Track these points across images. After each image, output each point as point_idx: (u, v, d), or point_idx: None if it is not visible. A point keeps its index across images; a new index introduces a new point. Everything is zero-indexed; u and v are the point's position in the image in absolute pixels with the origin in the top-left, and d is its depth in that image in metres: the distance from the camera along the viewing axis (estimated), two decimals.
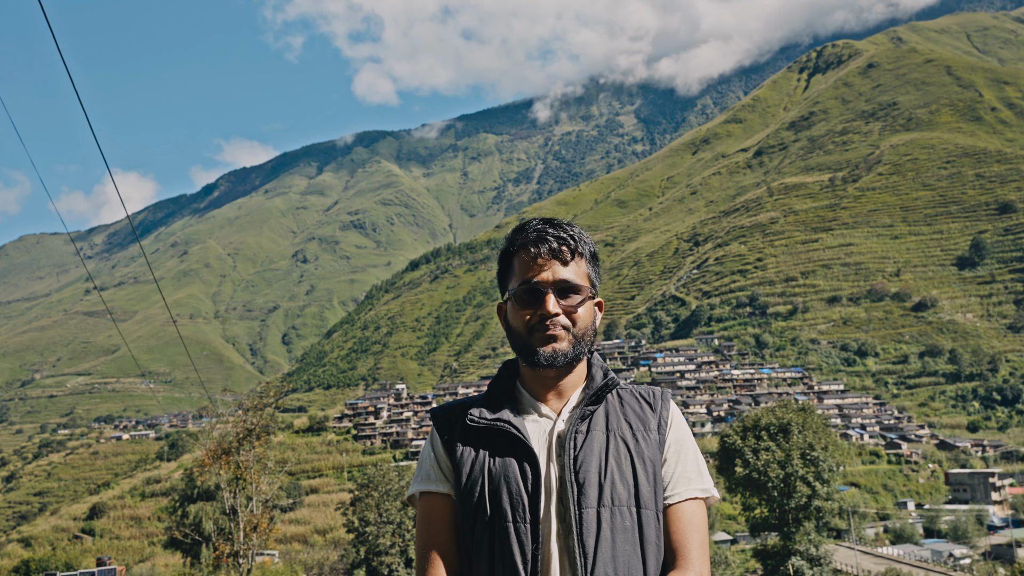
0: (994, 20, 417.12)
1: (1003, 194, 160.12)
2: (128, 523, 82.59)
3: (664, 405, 2.10)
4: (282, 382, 26.39)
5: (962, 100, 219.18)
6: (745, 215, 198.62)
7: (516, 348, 2.06)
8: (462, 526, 2.01)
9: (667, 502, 1.99)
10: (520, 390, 2.11)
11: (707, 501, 2.05)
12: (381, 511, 36.96)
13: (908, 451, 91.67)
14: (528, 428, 2.02)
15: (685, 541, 1.95)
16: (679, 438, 2.07)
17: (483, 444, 2.02)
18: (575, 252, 2.05)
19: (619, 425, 2.02)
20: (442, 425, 2.12)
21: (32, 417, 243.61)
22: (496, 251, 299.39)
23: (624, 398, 2.10)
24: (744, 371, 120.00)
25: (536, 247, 2.03)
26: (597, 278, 2.13)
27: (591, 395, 2.04)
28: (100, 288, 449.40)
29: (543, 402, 2.07)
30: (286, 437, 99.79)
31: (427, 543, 2.05)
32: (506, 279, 2.12)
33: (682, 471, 2.02)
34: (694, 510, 2.00)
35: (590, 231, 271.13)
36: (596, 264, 2.13)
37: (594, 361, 2.14)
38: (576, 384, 2.09)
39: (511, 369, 2.18)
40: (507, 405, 2.07)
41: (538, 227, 2.07)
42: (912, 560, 50.37)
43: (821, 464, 31.01)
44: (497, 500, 1.94)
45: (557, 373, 2.04)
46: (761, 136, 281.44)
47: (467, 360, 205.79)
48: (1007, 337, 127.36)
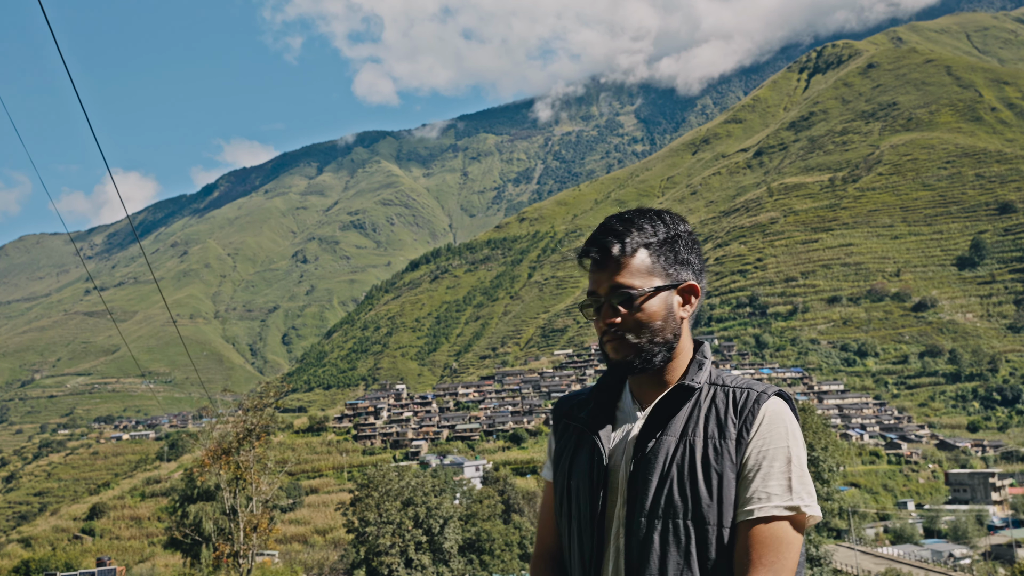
0: (994, 20, 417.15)
1: (1003, 194, 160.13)
2: (128, 523, 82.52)
3: (753, 409, 1.88)
4: (282, 382, 26.38)
5: (962, 100, 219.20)
6: (745, 215, 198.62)
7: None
8: (555, 512, 2.10)
9: (740, 519, 1.81)
10: (626, 386, 2.08)
11: (799, 520, 1.82)
12: (381, 511, 36.96)
13: (908, 451, 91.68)
14: (616, 429, 2.00)
15: (752, 563, 1.76)
16: (765, 447, 1.85)
17: (574, 440, 2.06)
18: (623, 251, 1.94)
19: (695, 431, 1.89)
20: (557, 416, 2.17)
21: (32, 417, 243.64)
22: (497, 251, 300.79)
23: (716, 399, 1.94)
24: (744, 371, 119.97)
25: (582, 260, 2.00)
26: (677, 263, 1.98)
27: (665, 398, 1.95)
28: (100, 288, 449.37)
29: (640, 398, 2.03)
30: (286, 437, 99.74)
31: (539, 525, 2.19)
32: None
33: (761, 485, 1.82)
34: (772, 530, 1.78)
35: (590, 231, 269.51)
36: (671, 249, 1.98)
37: (699, 356, 2.02)
38: (672, 379, 2.01)
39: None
40: (604, 404, 2.06)
41: (592, 236, 2.01)
42: (912, 560, 50.37)
43: (821, 464, 31.03)
44: (574, 495, 1.99)
45: (647, 375, 2.00)
46: (761, 136, 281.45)
47: (467, 360, 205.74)
48: (1007, 337, 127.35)
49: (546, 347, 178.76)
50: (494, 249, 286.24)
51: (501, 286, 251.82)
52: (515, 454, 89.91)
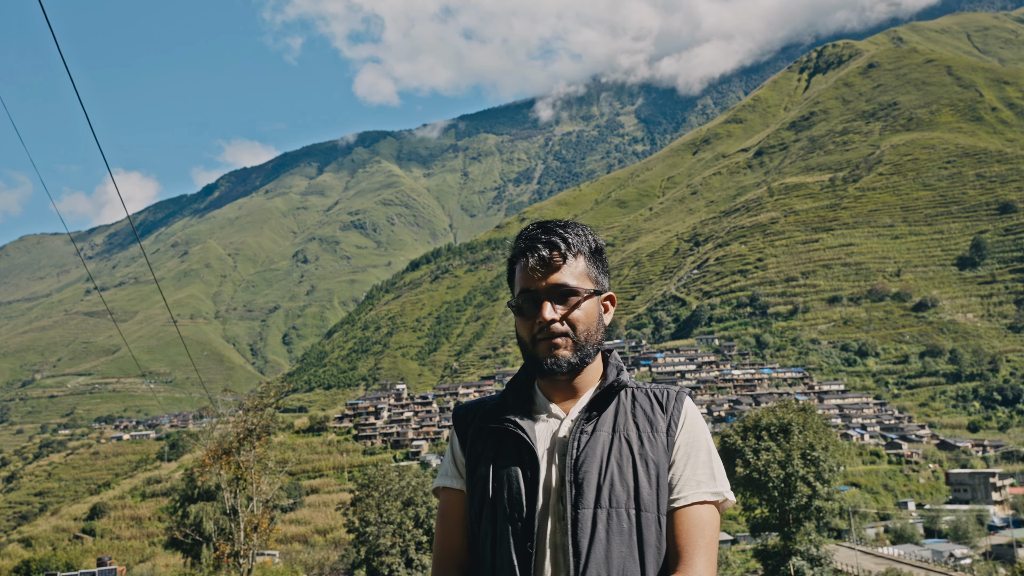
0: (994, 20, 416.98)
1: (1003, 194, 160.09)
2: (128, 523, 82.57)
3: (676, 406, 2.06)
4: (282, 382, 26.39)
5: (962, 100, 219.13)
6: (745, 215, 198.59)
7: (524, 358, 2.09)
8: (470, 521, 2.08)
9: (673, 505, 1.96)
10: (537, 390, 2.13)
11: (720, 505, 2.01)
12: (381, 511, 36.97)
13: (908, 451, 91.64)
14: (537, 429, 2.04)
15: (689, 545, 1.92)
16: (690, 440, 2.03)
17: (493, 443, 2.07)
18: (568, 253, 2.02)
19: (626, 426, 2.01)
20: (460, 423, 2.19)
21: (32, 417, 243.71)
22: (496, 251, 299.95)
23: (637, 398, 2.08)
24: (744, 371, 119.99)
25: (528, 255, 2.02)
26: (602, 273, 2.09)
27: (597, 395, 2.04)
28: (100, 288, 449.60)
29: (555, 402, 2.08)
30: (286, 437, 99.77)
31: (441, 536, 2.14)
32: (513, 288, 2.14)
33: (691, 474, 1.98)
34: (701, 514, 1.95)
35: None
36: (598, 259, 2.09)
37: (611, 360, 2.13)
38: (590, 383, 2.09)
39: (529, 370, 2.20)
40: (520, 405, 2.09)
41: (531, 234, 2.06)
42: (912, 560, 50.35)
43: (821, 464, 31.01)
44: (499, 498, 1.99)
45: (567, 377, 2.05)
46: (761, 136, 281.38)
47: (467, 360, 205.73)
48: (1007, 337, 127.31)
49: None
50: (494, 249, 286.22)
51: (501, 286, 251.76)
52: None
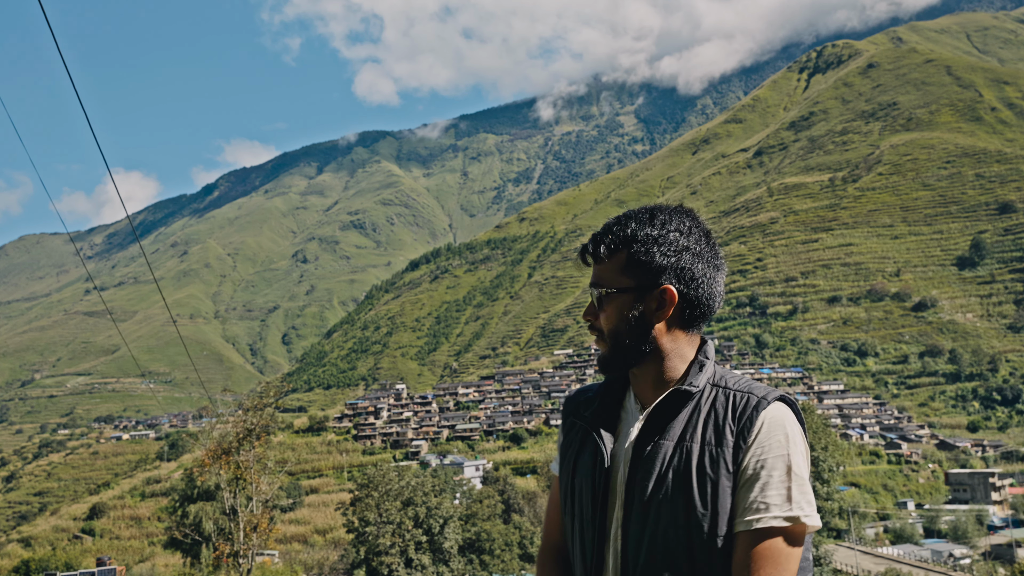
0: (994, 20, 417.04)
1: (1003, 194, 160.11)
2: (128, 523, 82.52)
3: (752, 416, 1.82)
4: (282, 382, 26.39)
5: (962, 100, 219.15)
6: (745, 215, 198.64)
7: None
8: (561, 509, 2.11)
9: (737, 529, 1.77)
10: (631, 387, 2.07)
11: (796, 529, 1.76)
12: (381, 511, 36.96)
13: (908, 451, 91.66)
14: (620, 427, 1.99)
15: (743, 573, 1.73)
16: (763, 456, 1.79)
17: (579, 438, 2.05)
18: (606, 250, 1.96)
19: (692, 436, 1.84)
20: (566, 413, 2.16)
21: (32, 417, 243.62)
22: (497, 251, 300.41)
23: (716, 402, 1.88)
24: (744, 371, 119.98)
25: (577, 260, 2.06)
26: (646, 264, 1.92)
27: (662, 401, 1.91)
28: (100, 288, 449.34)
29: (641, 398, 2.00)
30: (286, 437, 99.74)
31: (546, 520, 2.20)
32: None
33: (759, 496, 1.76)
34: (769, 543, 1.73)
35: (590, 231, 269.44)
36: (642, 247, 1.93)
37: (700, 356, 1.97)
38: (670, 377, 1.96)
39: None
40: (609, 404, 2.04)
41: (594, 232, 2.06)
42: (912, 560, 50.36)
43: (821, 464, 31.03)
44: (576, 494, 1.99)
45: (638, 374, 1.99)
46: (761, 136, 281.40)
47: (467, 360, 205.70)
48: (1007, 337, 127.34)
49: (546, 347, 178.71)
50: (494, 249, 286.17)
51: (501, 286, 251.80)
52: (515, 454, 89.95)
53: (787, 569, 1.72)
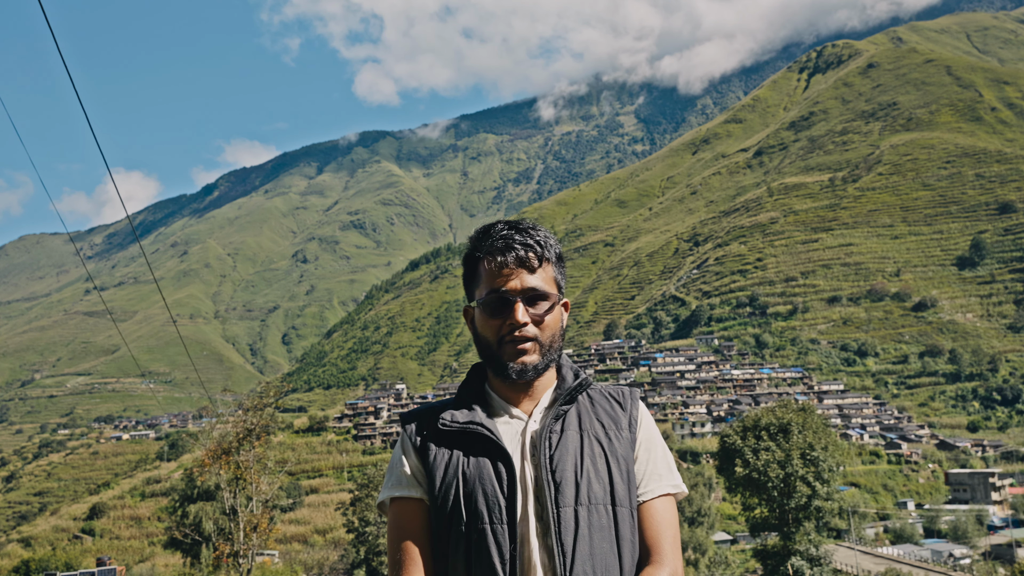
0: (994, 20, 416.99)
1: (1003, 194, 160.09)
2: (128, 523, 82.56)
3: (634, 404, 2.11)
4: (282, 382, 26.39)
5: (962, 100, 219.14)
6: (745, 215, 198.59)
7: (485, 358, 2.05)
8: (437, 531, 1.96)
9: (640, 499, 1.99)
10: (490, 392, 2.09)
11: (676, 496, 2.06)
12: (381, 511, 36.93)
13: (908, 451, 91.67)
14: (500, 429, 1.99)
15: (659, 537, 1.96)
16: (648, 436, 2.08)
17: (456, 447, 1.99)
18: (542, 258, 2.04)
19: (592, 424, 2.02)
20: (411, 429, 2.08)
21: (32, 417, 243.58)
22: None
23: (594, 398, 2.09)
24: (744, 371, 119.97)
25: (503, 255, 2.00)
26: (563, 279, 2.11)
27: (564, 395, 2.03)
28: (100, 288, 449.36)
29: (514, 404, 2.05)
30: (286, 437, 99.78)
31: (401, 549, 1.97)
32: (472, 284, 2.10)
33: (653, 468, 2.03)
34: (666, 506, 2.01)
35: (590, 231, 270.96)
36: (562, 265, 2.11)
37: (563, 362, 2.12)
38: (547, 385, 2.08)
39: (480, 372, 2.15)
40: (478, 408, 2.03)
41: (504, 233, 2.04)
42: (912, 560, 50.35)
43: (821, 464, 30.99)
44: (473, 502, 1.90)
45: (523, 380, 2.03)
46: (761, 136, 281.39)
47: (467, 360, 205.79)
48: (1007, 337, 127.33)
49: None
50: None
51: None
52: None
53: (678, 528, 2.02)
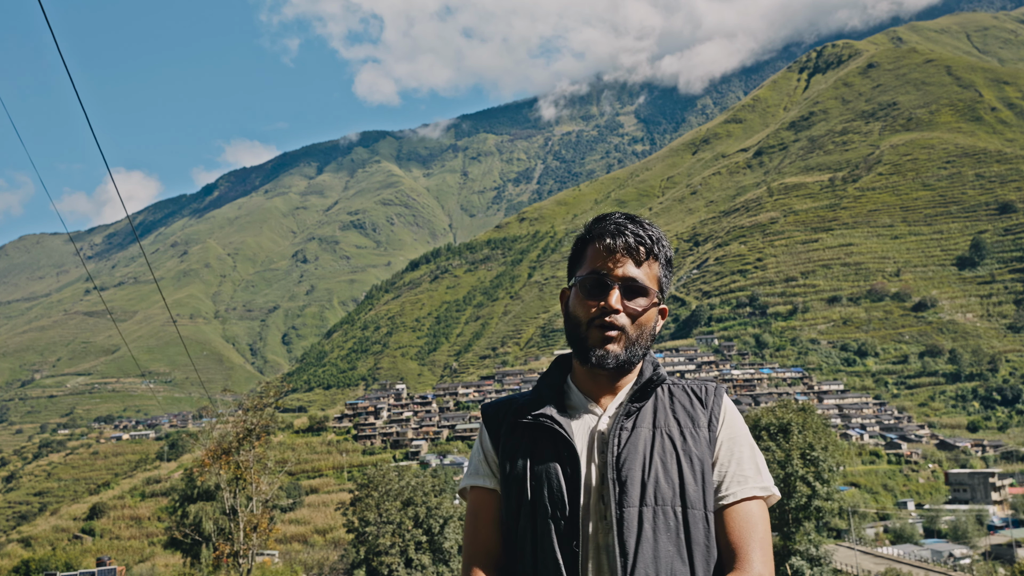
0: (994, 20, 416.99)
1: (1003, 194, 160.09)
2: (128, 523, 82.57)
3: (716, 401, 2.04)
4: (282, 382, 26.37)
5: (962, 100, 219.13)
6: (745, 215, 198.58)
7: (571, 339, 2.02)
8: (507, 521, 1.99)
9: (722, 503, 1.91)
10: (571, 386, 2.07)
11: (768, 500, 1.96)
12: (381, 511, 36.96)
13: (908, 451, 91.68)
14: (574, 425, 1.97)
15: (743, 542, 1.86)
16: (732, 435, 1.99)
17: (528, 440, 1.99)
18: (651, 253, 1.99)
19: (667, 422, 1.96)
20: (491, 421, 2.10)
21: (32, 417, 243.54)
22: (497, 251, 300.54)
23: (675, 394, 2.04)
24: (744, 371, 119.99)
25: (613, 239, 1.97)
26: (667, 284, 2.06)
27: (636, 390, 1.99)
28: (100, 288, 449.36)
29: (593, 399, 2.02)
30: (286, 437, 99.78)
31: (474, 536, 2.05)
32: (575, 266, 2.08)
33: (736, 469, 1.94)
34: (753, 510, 1.91)
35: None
36: (670, 270, 2.06)
37: (648, 358, 2.07)
38: (628, 381, 2.04)
39: (562, 365, 2.13)
40: (554, 401, 2.02)
41: (619, 220, 2.01)
42: (912, 560, 50.33)
43: (821, 464, 30.99)
44: (538, 496, 1.92)
45: (608, 373, 2.00)
46: (761, 136, 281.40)
47: (467, 360, 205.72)
48: (1007, 337, 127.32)
49: (546, 347, 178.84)
50: (494, 249, 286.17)
51: (501, 286, 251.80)
52: None
53: (769, 532, 1.90)
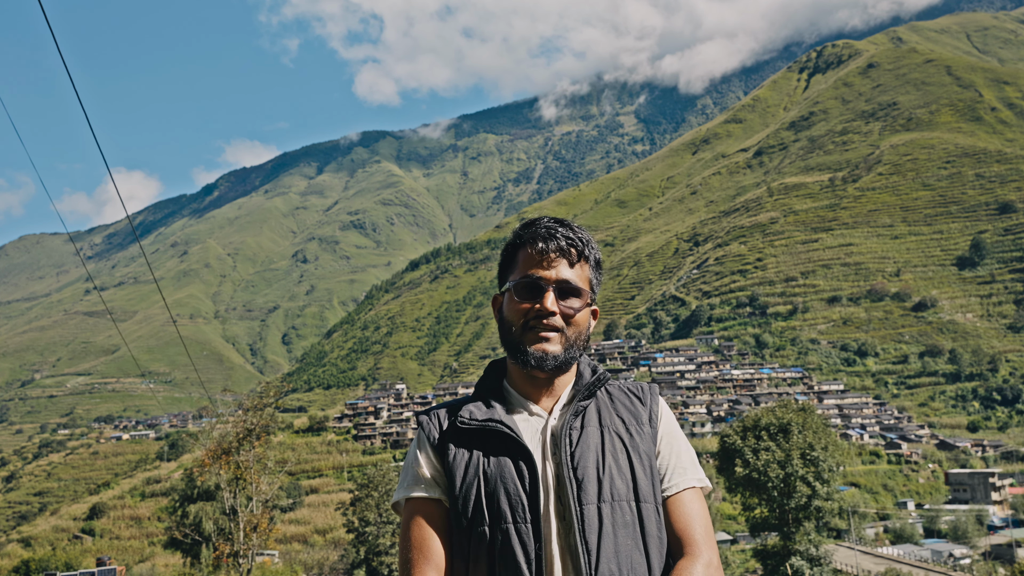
0: (994, 20, 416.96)
1: (1003, 194, 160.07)
2: (128, 523, 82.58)
3: (653, 399, 2.09)
4: (282, 382, 26.35)
5: (962, 100, 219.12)
6: (745, 215, 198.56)
7: (506, 343, 2.01)
8: (457, 531, 1.91)
9: (666, 494, 1.97)
10: (508, 389, 2.06)
11: (703, 490, 2.04)
12: (381, 511, 36.95)
13: (908, 451, 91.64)
14: (520, 427, 1.95)
15: (689, 529, 1.93)
16: (670, 430, 2.06)
17: (475, 446, 1.95)
18: (582, 255, 2.02)
19: (612, 420, 1.99)
20: (430, 428, 2.03)
21: (32, 417, 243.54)
22: (496, 251, 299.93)
23: (613, 394, 2.07)
24: (744, 371, 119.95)
25: (545, 243, 1.99)
26: (598, 285, 2.09)
27: (582, 391, 2.01)
28: (100, 288, 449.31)
29: (533, 401, 2.03)
30: (286, 437, 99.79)
31: (416, 550, 1.92)
32: (507, 271, 2.07)
33: (676, 462, 2.01)
34: (694, 499, 1.98)
35: (590, 231, 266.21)
36: (599, 271, 2.09)
37: (583, 360, 2.10)
38: (566, 383, 2.05)
39: (498, 369, 2.13)
40: (496, 405, 2.00)
41: (548, 224, 2.03)
42: (912, 560, 50.33)
43: (821, 464, 30.98)
44: (495, 502, 1.87)
45: (547, 375, 1.99)
46: (761, 136, 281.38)
47: (467, 360, 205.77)
48: (1007, 337, 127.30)
49: None
50: (494, 249, 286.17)
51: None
52: None
53: (709, 519, 1.99)
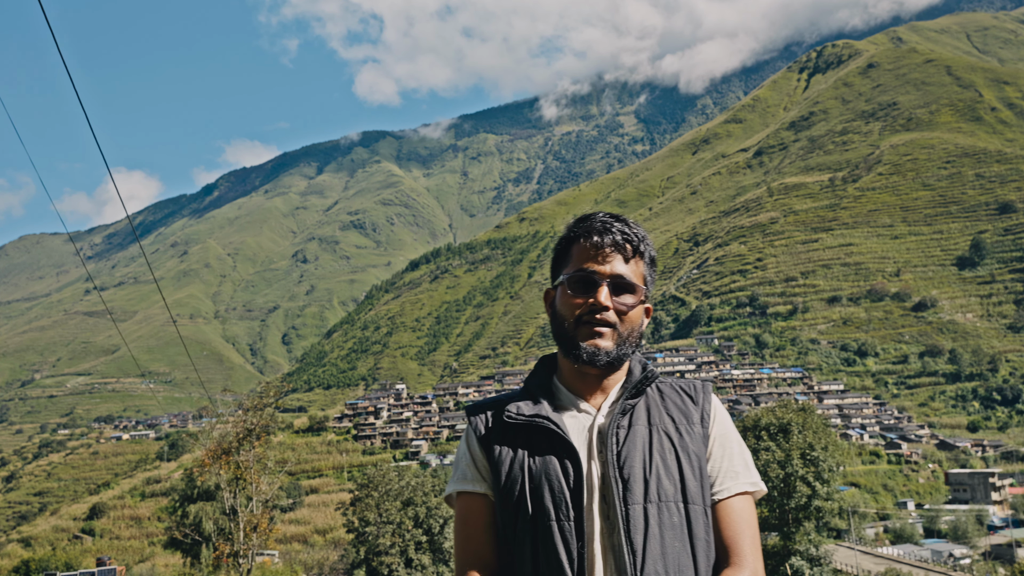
0: (994, 20, 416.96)
1: (1003, 194, 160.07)
2: (128, 523, 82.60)
3: (706, 398, 2.03)
4: (282, 382, 26.34)
5: (962, 100, 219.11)
6: (745, 215, 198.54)
7: (558, 338, 1.99)
8: (503, 526, 1.93)
9: (715, 498, 1.92)
10: (558, 385, 2.04)
11: (755, 495, 1.98)
12: (381, 511, 36.95)
13: (908, 451, 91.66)
14: (567, 424, 1.93)
15: (737, 538, 1.87)
16: (723, 432, 2.00)
17: (521, 441, 1.94)
18: (637, 251, 1.99)
19: (661, 419, 1.95)
20: (478, 423, 2.04)
21: (32, 417, 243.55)
22: (496, 251, 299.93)
23: (664, 391, 2.03)
24: (744, 371, 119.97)
25: (600, 237, 1.97)
26: (652, 283, 2.05)
27: (631, 389, 1.97)
28: (100, 288, 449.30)
29: (582, 398, 2.00)
30: (286, 437, 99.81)
31: (465, 544, 1.97)
32: (560, 265, 2.05)
33: (728, 465, 1.96)
34: (744, 505, 1.93)
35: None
36: (654, 269, 2.07)
37: (635, 357, 2.06)
38: (617, 380, 2.02)
39: (548, 364, 2.11)
40: (544, 401, 1.98)
41: (604, 219, 2.01)
42: (912, 560, 50.33)
43: (821, 464, 30.99)
44: (539, 499, 1.86)
45: (598, 371, 1.97)
46: (761, 136, 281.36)
47: (467, 360, 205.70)
48: (1007, 337, 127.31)
49: (546, 347, 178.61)
50: (494, 249, 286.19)
51: (501, 286, 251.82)
52: None
53: (757, 527, 1.93)
